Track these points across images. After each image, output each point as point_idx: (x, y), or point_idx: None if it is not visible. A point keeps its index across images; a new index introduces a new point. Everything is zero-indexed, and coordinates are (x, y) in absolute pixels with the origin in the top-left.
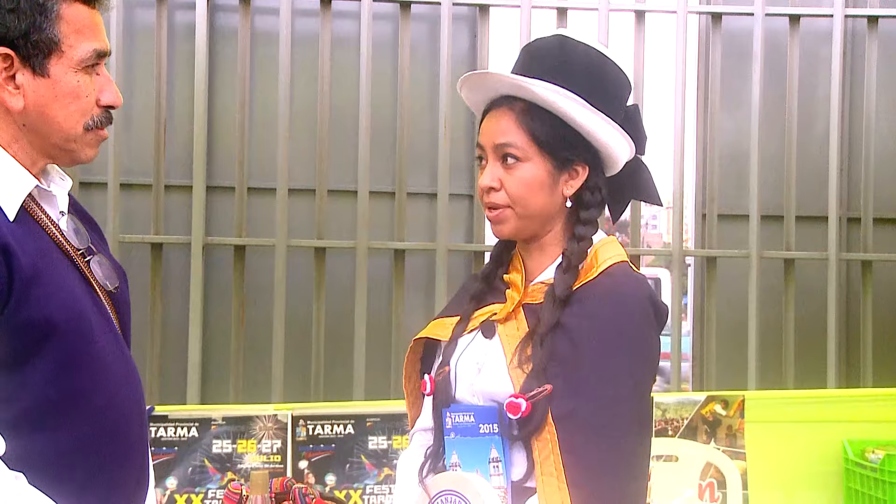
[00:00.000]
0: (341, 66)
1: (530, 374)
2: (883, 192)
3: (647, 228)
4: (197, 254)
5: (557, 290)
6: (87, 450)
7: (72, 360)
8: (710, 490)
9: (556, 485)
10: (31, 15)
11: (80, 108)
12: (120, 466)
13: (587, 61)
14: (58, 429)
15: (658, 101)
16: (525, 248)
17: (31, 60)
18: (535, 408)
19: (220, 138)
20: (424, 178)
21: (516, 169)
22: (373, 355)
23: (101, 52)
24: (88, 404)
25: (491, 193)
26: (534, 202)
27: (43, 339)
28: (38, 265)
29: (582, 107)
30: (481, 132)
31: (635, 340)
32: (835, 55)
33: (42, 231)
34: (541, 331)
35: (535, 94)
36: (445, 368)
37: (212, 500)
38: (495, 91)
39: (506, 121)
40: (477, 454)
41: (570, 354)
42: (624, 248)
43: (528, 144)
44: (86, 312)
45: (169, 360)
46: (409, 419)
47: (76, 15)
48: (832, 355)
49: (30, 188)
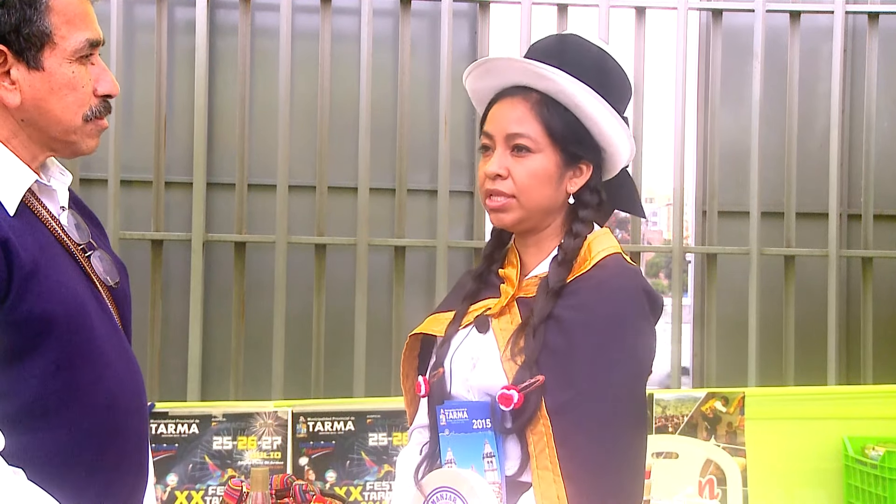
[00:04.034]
0: (341, 62)
1: (522, 366)
2: (883, 188)
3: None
4: (197, 250)
5: (551, 282)
6: (87, 445)
7: (71, 355)
8: (710, 487)
9: (551, 478)
10: (21, 8)
11: (77, 100)
12: (119, 462)
13: (599, 60)
14: (57, 424)
15: (658, 98)
16: (522, 243)
17: (25, 55)
18: (528, 399)
19: (220, 135)
20: (425, 175)
21: (527, 159)
22: (373, 352)
23: (94, 42)
24: (88, 400)
25: (497, 181)
26: (538, 195)
27: (42, 334)
28: (37, 260)
29: (598, 101)
30: (490, 119)
31: (629, 332)
32: (835, 51)
33: (42, 226)
34: (533, 322)
35: (556, 83)
36: (439, 370)
37: (212, 496)
38: (508, 80)
39: (521, 110)
40: (471, 450)
41: (563, 346)
42: (621, 244)
43: (542, 136)
44: (86, 307)
45: (169, 357)
46: (408, 416)
47: (66, 5)
48: (832, 352)
49: (29, 183)
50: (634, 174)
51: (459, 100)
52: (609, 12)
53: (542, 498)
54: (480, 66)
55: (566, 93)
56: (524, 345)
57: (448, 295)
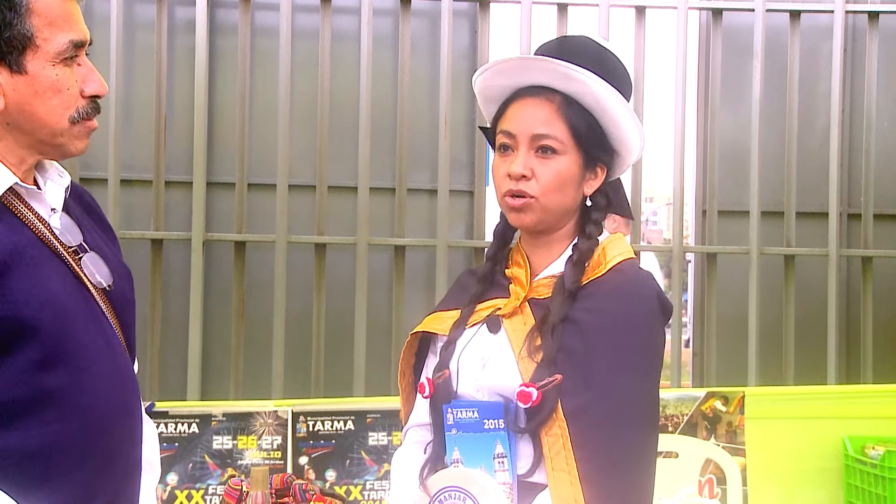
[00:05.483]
0: (341, 61)
1: (540, 364)
2: (883, 187)
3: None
4: (197, 250)
5: (567, 283)
6: (61, 449)
7: (46, 358)
8: (710, 486)
9: (567, 480)
10: (1, 12)
11: (62, 102)
12: (101, 465)
13: (612, 64)
14: (30, 428)
15: (658, 98)
16: (531, 243)
17: (6, 58)
18: (546, 397)
19: (220, 134)
20: (425, 175)
21: (552, 161)
22: (373, 351)
23: (78, 43)
24: (64, 403)
25: (521, 181)
26: (561, 196)
27: (14, 336)
28: (9, 261)
29: (623, 104)
30: (511, 119)
31: (645, 336)
32: (835, 51)
33: (24, 227)
34: (552, 320)
35: (588, 84)
36: (445, 372)
37: (212, 496)
38: (526, 79)
39: (546, 111)
40: (481, 450)
41: (580, 349)
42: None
43: (568, 138)
44: (67, 310)
45: (169, 357)
46: (402, 415)
47: (47, 6)
48: (832, 351)
49: (7, 185)
50: (634, 174)
51: (459, 99)
52: (609, 12)
53: (558, 500)
54: (501, 64)
55: (594, 94)
56: (541, 344)
57: (448, 293)
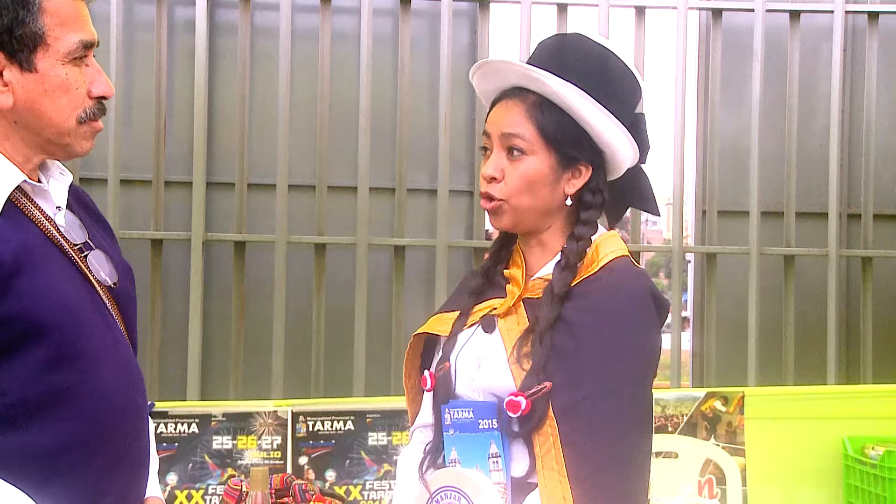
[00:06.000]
0: (341, 61)
1: (530, 372)
2: (883, 188)
3: (647, 225)
4: (197, 250)
5: (555, 288)
6: (73, 446)
7: (57, 356)
8: (710, 486)
9: (557, 479)
10: (14, 10)
11: (70, 102)
12: (109, 463)
13: (601, 62)
14: (41, 426)
15: (658, 98)
16: (525, 243)
17: (18, 56)
18: (535, 405)
19: (219, 134)
20: (424, 175)
21: (520, 162)
22: (373, 352)
23: (87, 43)
24: (75, 401)
25: (491, 184)
26: (531, 198)
27: (26, 334)
28: (20, 259)
29: (591, 104)
30: (489, 120)
31: (637, 334)
32: (835, 51)
33: (33, 226)
34: (539, 328)
35: (546, 86)
36: (445, 364)
37: (212, 496)
38: (507, 81)
39: (515, 112)
40: (476, 450)
41: (571, 348)
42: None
43: (535, 138)
44: (76, 308)
45: (169, 357)
46: (409, 416)
47: (59, 6)
48: (832, 352)
49: (16, 183)
50: None
51: (459, 99)
52: (609, 12)
53: (547, 499)
54: (481, 69)
55: (557, 96)
56: (531, 350)
57: (451, 296)
